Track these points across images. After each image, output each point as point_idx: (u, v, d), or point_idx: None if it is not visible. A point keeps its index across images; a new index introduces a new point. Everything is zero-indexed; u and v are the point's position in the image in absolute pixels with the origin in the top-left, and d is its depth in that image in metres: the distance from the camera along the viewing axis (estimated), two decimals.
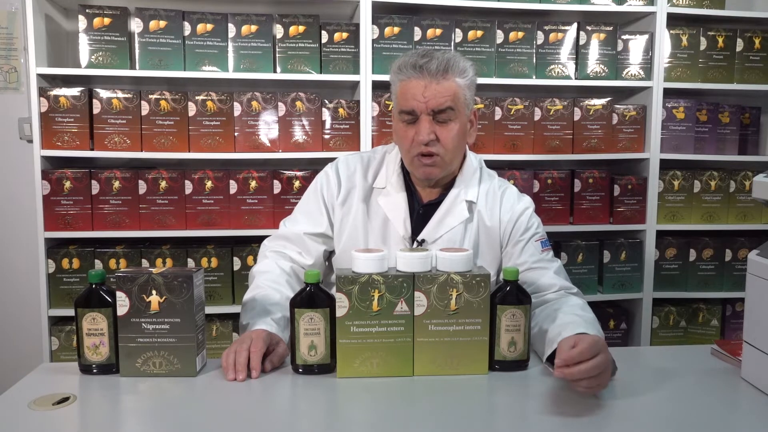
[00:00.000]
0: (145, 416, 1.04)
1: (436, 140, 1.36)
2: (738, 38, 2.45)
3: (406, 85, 1.37)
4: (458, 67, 1.36)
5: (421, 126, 1.35)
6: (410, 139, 1.38)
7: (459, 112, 1.37)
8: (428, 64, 1.34)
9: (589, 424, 1.00)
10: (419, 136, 1.35)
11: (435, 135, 1.36)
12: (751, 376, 1.18)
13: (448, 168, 1.42)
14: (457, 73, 1.36)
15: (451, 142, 1.38)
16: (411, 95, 1.36)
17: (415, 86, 1.35)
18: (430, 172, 1.40)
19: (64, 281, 2.19)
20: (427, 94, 1.34)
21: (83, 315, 1.16)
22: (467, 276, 1.15)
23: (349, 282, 1.13)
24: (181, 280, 1.14)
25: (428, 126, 1.35)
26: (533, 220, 1.48)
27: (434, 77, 1.34)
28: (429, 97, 1.34)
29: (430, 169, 1.39)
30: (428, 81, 1.34)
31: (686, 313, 2.52)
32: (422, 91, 1.34)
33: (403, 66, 1.38)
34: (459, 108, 1.37)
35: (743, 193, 2.49)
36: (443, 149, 1.37)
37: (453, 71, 1.35)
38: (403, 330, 1.16)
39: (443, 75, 1.34)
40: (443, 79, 1.34)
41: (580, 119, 2.40)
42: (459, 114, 1.38)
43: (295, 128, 2.26)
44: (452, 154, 1.40)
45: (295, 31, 2.23)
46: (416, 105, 1.35)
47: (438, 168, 1.40)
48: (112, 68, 2.15)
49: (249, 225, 2.25)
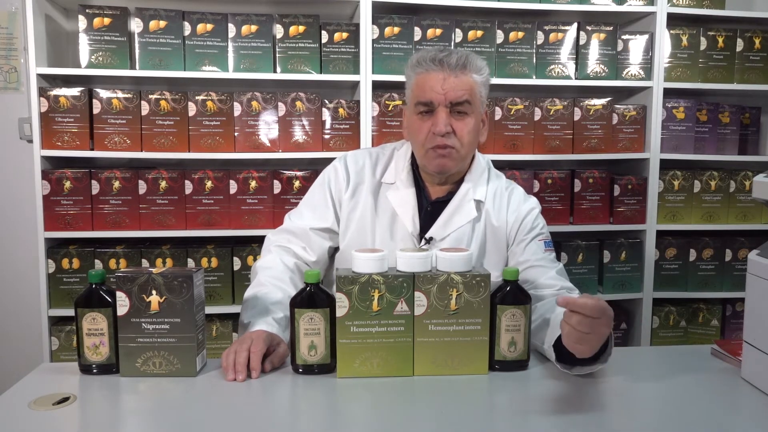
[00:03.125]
0: (145, 416, 1.04)
1: (452, 133, 1.37)
2: (738, 38, 2.45)
3: (424, 77, 1.38)
4: (476, 64, 1.39)
5: (439, 117, 1.36)
6: (426, 131, 1.38)
7: (475, 107, 1.39)
8: (448, 58, 1.36)
9: (589, 424, 1.00)
10: (436, 127, 1.36)
11: (451, 127, 1.37)
12: (751, 376, 1.18)
13: (461, 163, 1.43)
14: (475, 70, 1.38)
15: (467, 136, 1.39)
16: (429, 87, 1.37)
17: (434, 78, 1.37)
18: (444, 164, 1.40)
19: (64, 281, 2.19)
20: (446, 87, 1.36)
21: (83, 315, 1.16)
22: (467, 276, 1.15)
23: (349, 282, 1.13)
24: (181, 280, 1.14)
25: (445, 118, 1.36)
26: (539, 220, 1.49)
27: (453, 71, 1.36)
28: (448, 89, 1.36)
29: (444, 161, 1.39)
30: (447, 74, 1.36)
31: (686, 313, 2.52)
32: (441, 83, 1.36)
33: (422, 60, 1.40)
34: (475, 103, 1.39)
35: (743, 193, 2.48)
36: (459, 142, 1.38)
37: (471, 67, 1.38)
38: (403, 330, 1.16)
39: (462, 70, 1.37)
40: (462, 74, 1.37)
41: (580, 119, 2.40)
42: (474, 109, 1.39)
43: (295, 128, 2.26)
44: (467, 148, 1.40)
45: (295, 31, 2.23)
46: (434, 96, 1.36)
47: (452, 161, 1.40)
48: (112, 68, 2.16)
49: (249, 225, 2.25)
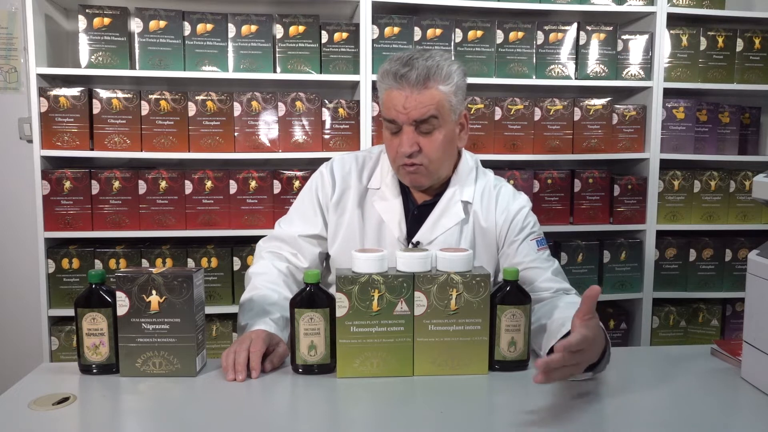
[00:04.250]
0: (145, 416, 1.04)
1: (419, 151, 1.34)
2: (738, 38, 2.45)
3: (388, 94, 1.35)
4: (441, 74, 1.31)
5: (404, 138, 1.33)
6: (394, 150, 1.37)
7: (444, 119, 1.34)
8: (408, 74, 1.29)
9: (589, 424, 1.00)
10: (401, 147, 1.34)
11: (418, 146, 1.34)
12: (751, 376, 1.18)
13: (435, 175, 1.41)
14: (440, 81, 1.31)
15: (435, 153, 1.35)
16: (392, 105, 1.33)
17: (396, 97, 1.32)
18: (416, 179, 1.39)
19: (64, 281, 2.19)
20: (408, 105, 1.31)
21: (83, 315, 1.16)
22: (467, 276, 1.15)
23: (349, 282, 1.13)
24: (181, 280, 1.14)
25: (411, 137, 1.33)
26: (529, 219, 1.46)
27: (414, 87, 1.30)
28: (410, 108, 1.31)
29: (416, 176, 1.38)
30: (408, 92, 1.30)
31: (686, 313, 2.52)
32: (403, 102, 1.31)
33: (384, 74, 1.34)
34: (444, 116, 1.33)
35: (743, 193, 2.48)
36: (427, 159, 1.35)
37: (435, 79, 1.31)
38: (403, 330, 1.16)
39: (424, 84, 1.30)
40: (424, 89, 1.30)
41: (580, 119, 2.40)
42: (444, 121, 1.34)
43: (295, 128, 2.26)
44: (437, 163, 1.38)
45: (295, 31, 2.23)
46: (397, 116, 1.32)
47: (423, 176, 1.39)
48: (112, 68, 2.16)
49: (249, 225, 2.25)
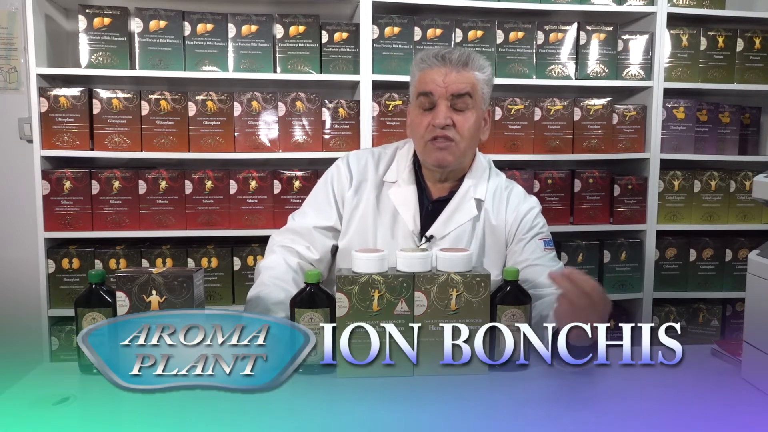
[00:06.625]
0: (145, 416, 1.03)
1: (452, 126, 1.39)
2: (738, 38, 2.44)
3: (427, 72, 1.41)
4: (478, 62, 1.42)
5: (439, 110, 1.39)
6: (426, 124, 1.40)
7: (476, 102, 1.42)
8: (450, 54, 1.40)
9: (588, 424, 1.00)
10: (436, 119, 1.38)
11: (452, 120, 1.39)
12: (751, 376, 1.18)
13: (461, 158, 1.44)
14: (477, 68, 1.41)
15: (467, 131, 1.40)
16: (431, 79, 1.40)
17: (436, 73, 1.40)
18: (443, 157, 1.41)
19: (64, 281, 2.19)
20: (447, 80, 1.39)
21: (83, 315, 1.16)
22: (467, 276, 1.15)
23: (349, 282, 1.13)
24: (181, 280, 1.13)
25: (446, 110, 1.39)
26: (538, 219, 1.49)
27: (455, 66, 1.39)
28: (449, 83, 1.39)
29: (443, 154, 1.40)
30: (449, 69, 1.39)
31: (686, 313, 2.52)
32: (443, 77, 1.39)
33: (425, 56, 1.43)
34: (476, 98, 1.41)
35: (743, 193, 2.48)
36: (459, 135, 1.40)
37: (473, 65, 1.41)
38: (403, 330, 1.15)
39: (464, 66, 1.40)
40: (464, 70, 1.40)
41: (580, 119, 2.40)
42: (476, 105, 1.42)
43: (295, 128, 2.26)
44: (467, 142, 1.41)
45: (295, 31, 2.23)
46: (435, 88, 1.39)
47: (451, 154, 1.41)
48: (112, 68, 2.15)
49: (249, 225, 2.25)
